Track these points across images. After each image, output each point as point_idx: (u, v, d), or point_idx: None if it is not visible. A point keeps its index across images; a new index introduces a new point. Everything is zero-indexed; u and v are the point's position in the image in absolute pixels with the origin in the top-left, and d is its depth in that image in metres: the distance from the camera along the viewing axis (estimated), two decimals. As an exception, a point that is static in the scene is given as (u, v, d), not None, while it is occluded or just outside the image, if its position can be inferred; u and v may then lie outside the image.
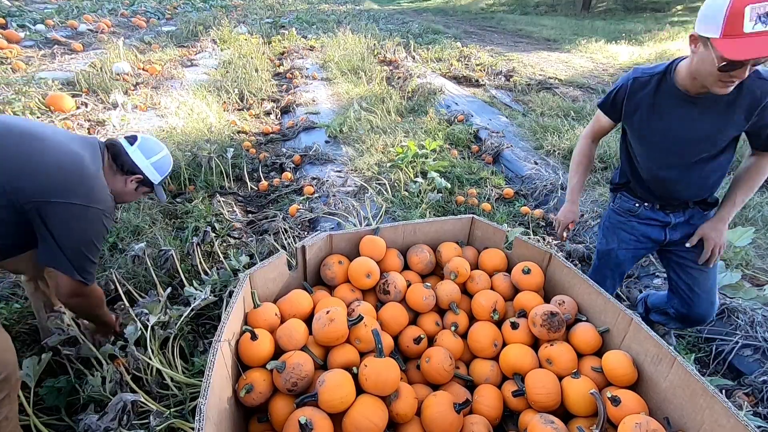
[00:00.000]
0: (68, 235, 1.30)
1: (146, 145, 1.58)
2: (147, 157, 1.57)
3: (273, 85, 6.40)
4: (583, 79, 7.57)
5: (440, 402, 1.21)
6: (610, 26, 13.56)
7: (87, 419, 1.34)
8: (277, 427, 1.21)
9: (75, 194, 1.29)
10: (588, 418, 1.24)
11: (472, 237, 1.86)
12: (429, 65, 7.95)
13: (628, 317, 1.30)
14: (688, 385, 1.10)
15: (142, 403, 1.44)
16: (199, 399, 0.95)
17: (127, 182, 1.56)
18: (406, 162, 3.68)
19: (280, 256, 1.54)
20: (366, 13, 15.09)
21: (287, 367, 1.21)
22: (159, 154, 1.61)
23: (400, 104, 5.49)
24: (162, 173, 1.63)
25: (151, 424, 1.33)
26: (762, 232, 3.09)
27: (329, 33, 9.79)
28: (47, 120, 4.17)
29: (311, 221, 2.99)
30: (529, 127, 4.97)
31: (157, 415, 1.37)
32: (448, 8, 20.16)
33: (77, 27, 8.11)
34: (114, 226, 2.31)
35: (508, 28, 14.25)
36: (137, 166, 1.54)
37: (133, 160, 1.54)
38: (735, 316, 2.16)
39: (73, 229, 1.30)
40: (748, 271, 2.61)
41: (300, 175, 3.76)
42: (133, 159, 1.54)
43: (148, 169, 1.57)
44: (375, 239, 1.66)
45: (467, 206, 3.29)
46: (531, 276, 1.58)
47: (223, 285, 2.11)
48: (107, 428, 1.29)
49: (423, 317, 1.58)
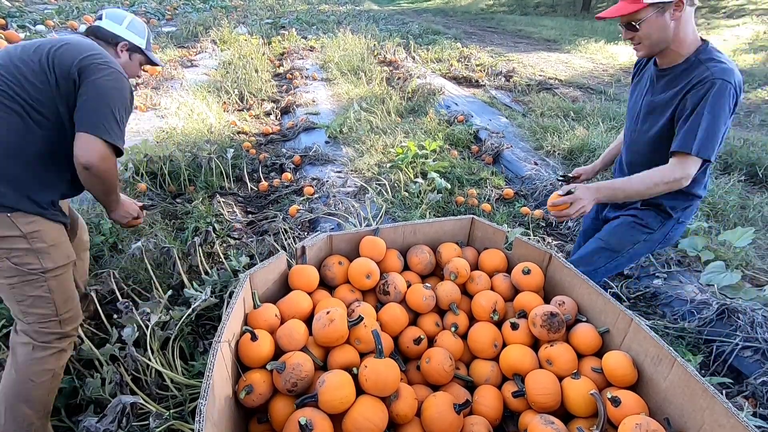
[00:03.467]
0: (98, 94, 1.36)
1: (111, 13, 1.63)
2: (119, 23, 1.61)
3: (273, 85, 6.40)
4: (583, 79, 7.57)
5: (440, 403, 1.21)
6: (610, 26, 13.55)
7: (86, 421, 1.34)
8: (277, 427, 1.21)
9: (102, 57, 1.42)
10: (588, 418, 1.24)
11: (472, 237, 1.86)
12: (429, 66, 7.95)
13: (628, 318, 1.30)
14: (688, 385, 1.10)
15: (141, 405, 1.44)
16: (199, 400, 0.95)
17: (119, 52, 1.62)
18: (406, 162, 3.68)
19: (280, 257, 1.54)
20: (366, 13, 15.10)
21: (287, 367, 1.20)
22: (127, 18, 1.65)
23: (400, 105, 5.49)
24: (142, 35, 1.67)
25: (150, 425, 1.33)
26: (762, 232, 3.10)
27: (329, 33, 9.79)
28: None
29: (311, 222, 2.99)
30: (529, 127, 4.98)
31: (156, 416, 1.36)
32: (448, 9, 20.16)
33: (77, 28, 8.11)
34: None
35: (508, 28, 14.25)
36: (117, 34, 1.60)
37: (110, 30, 1.59)
38: (735, 316, 2.16)
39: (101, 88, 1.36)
40: (748, 271, 2.61)
41: (300, 176, 3.76)
42: (109, 29, 1.59)
43: (127, 33, 1.62)
44: (375, 240, 1.66)
45: (467, 207, 3.29)
46: (531, 276, 1.58)
47: (223, 285, 2.11)
48: (106, 430, 1.29)
49: (423, 318, 1.58)
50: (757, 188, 3.95)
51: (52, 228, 1.41)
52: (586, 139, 4.39)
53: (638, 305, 2.49)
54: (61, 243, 1.45)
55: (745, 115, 5.98)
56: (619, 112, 5.26)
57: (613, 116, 5.14)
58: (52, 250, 1.40)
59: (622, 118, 5.08)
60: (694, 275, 2.61)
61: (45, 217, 1.38)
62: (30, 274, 1.36)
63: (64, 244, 1.46)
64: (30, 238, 1.34)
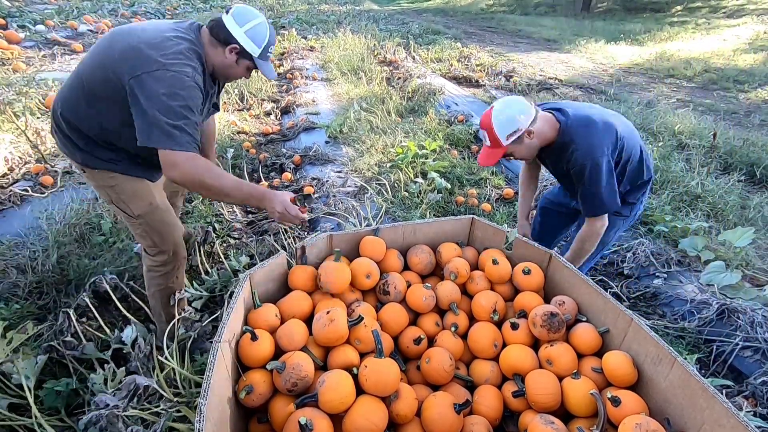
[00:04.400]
0: (151, 103, 1.36)
1: (239, 11, 1.53)
2: (240, 25, 1.52)
3: (273, 85, 6.40)
4: (583, 79, 7.58)
5: (440, 403, 1.21)
6: (610, 27, 13.57)
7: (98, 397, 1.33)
8: (277, 427, 1.21)
9: (155, 62, 1.38)
10: (588, 418, 1.24)
11: (472, 237, 1.86)
12: (429, 66, 7.95)
13: (628, 318, 1.30)
14: (688, 385, 1.10)
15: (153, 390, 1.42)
16: (199, 399, 0.95)
17: (226, 53, 1.55)
18: (406, 162, 3.68)
19: (280, 257, 1.54)
20: (366, 13, 15.10)
21: (287, 367, 1.20)
22: (252, 21, 1.53)
23: (400, 104, 5.49)
24: (258, 44, 1.55)
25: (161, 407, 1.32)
26: (762, 232, 3.10)
27: (329, 33, 9.79)
28: (47, 119, 4.17)
29: (311, 221, 2.99)
30: (529, 127, 4.97)
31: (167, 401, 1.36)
32: (448, 9, 20.17)
33: (77, 27, 8.11)
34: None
35: (508, 28, 14.25)
36: (232, 35, 1.51)
37: (228, 29, 1.51)
38: (735, 316, 2.16)
39: (154, 96, 1.36)
40: (748, 271, 2.61)
41: (300, 176, 3.76)
42: (228, 27, 1.51)
43: (242, 37, 1.52)
44: (375, 240, 1.66)
45: (467, 207, 3.29)
46: (531, 276, 1.58)
47: (223, 285, 2.11)
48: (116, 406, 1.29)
49: (423, 318, 1.58)
50: (757, 188, 3.95)
51: (128, 181, 1.64)
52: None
53: (638, 305, 2.49)
54: (141, 193, 1.67)
55: (745, 115, 5.97)
56: (619, 111, 5.26)
57: (613, 116, 5.13)
58: (132, 199, 1.66)
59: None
60: (694, 275, 2.61)
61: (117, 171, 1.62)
62: (127, 216, 1.70)
63: (144, 194, 1.68)
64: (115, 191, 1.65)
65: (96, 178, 1.64)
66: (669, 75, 8.24)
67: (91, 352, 1.67)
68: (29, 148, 3.61)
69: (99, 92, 1.47)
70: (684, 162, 4.06)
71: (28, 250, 2.51)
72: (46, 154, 3.61)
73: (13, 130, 3.78)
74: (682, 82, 7.85)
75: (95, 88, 1.47)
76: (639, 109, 5.49)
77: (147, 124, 1.37)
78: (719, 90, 7.32)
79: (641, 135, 4.61)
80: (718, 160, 4.20)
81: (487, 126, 1.70)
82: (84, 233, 2.68)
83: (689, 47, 10.05)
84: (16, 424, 1.46)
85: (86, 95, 1.49)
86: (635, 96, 6.51)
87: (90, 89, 1.48)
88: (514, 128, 1.66)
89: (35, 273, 2.35)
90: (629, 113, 5.20)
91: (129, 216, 1.70)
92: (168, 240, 1.80)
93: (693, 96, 6.90)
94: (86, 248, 2.59)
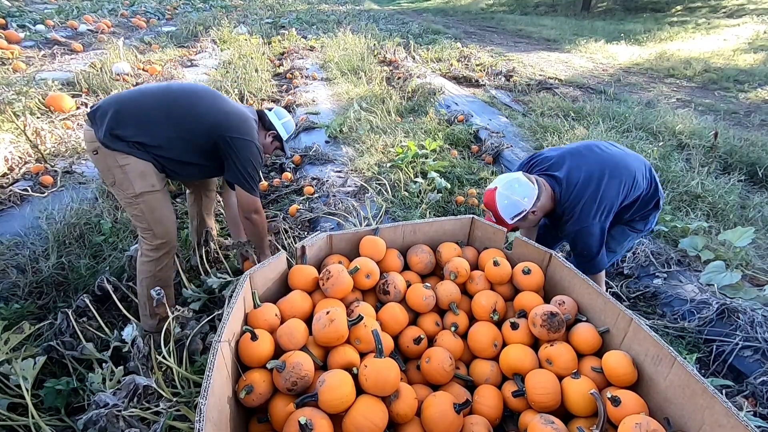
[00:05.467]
0: (243, 160, 1.92)
1: (278, 111, 2.22)
2: (279, 119, 2.19)
3: (273, 85, 6.40)
4: (583, 79, 7.57)
5: (440, 402, 1.21)
6: (610, 26, 13.57)
7: (97, 396, 1.34)
8: (277, 427, 1.21)
9: (247, 133, 1.93)
10: (588, 418, 1.24)
11: (472, 237, 1.86)
12: (429, 65, 7.95)
13: (628, 317, 1.30)
14: (688, 385, 1.10)
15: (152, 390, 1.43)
16: (199, 399, 0.95)
17: (267, 136, 2.16)
18: (406, 162, 3.68)
19: (280, 256, 1.54)
20: (366, 13, 15.10)
21: (287, 366, 1.20)
22: (286, 118, 2.22)
23: (400, 104, 5.49)
24: (287, 132, 2.22)
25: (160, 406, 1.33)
26: (762, 232, 3.10)
27: (329, 33, 9.79)
28: (47, 119, 4.17)
29: (311, 221, 2.99)
30: (529, 127, 4.97)
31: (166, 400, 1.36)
32: (448, 8, 20.17)
33: (77, 27, 8.11)
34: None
35: (508, 28, 14.26)
36: (273, 124, 2.16)
37: (270, 120, 2.15)
38: (735, 316, 2.16)
39: (245, 157, 1.92)
40: (748, 271, 2.61)
41: (300, 176, 3.75)
42: (270, 119, 2.16)
43: (280, 127, 2.18)
44: (375, 239, 1.66)
45: (467, 206, 3.29)
46: (531, 276, 1.58)
47: (223, 285, 2.11)
48: (115, 405, 1.29)
49: (423, 317, 1.58)
50: (757, 188, 3.95)
51: (139, 162, 1.82)
52: (586, 139, 4.39)
53: (638, 305, 2.49)
54: (147, 174, 1.84)
55: (745, 115, 5.97)
56: (619, 111, 5.26)
57: (613, 116, 5.13)
58: (138, 178, 1.81)
59: (622, 117, 5.08)
60: (694, 275, 2.60)
61: (134, 156, 1.81)
62: (128, 196, 1.84)
63: (150, 175, 1.85)
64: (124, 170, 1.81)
65: (108, 159, 1.78)
66: (669, 75, 8.24)
67: (91, 352, 1.67)
68: (29, 148, 3.61)
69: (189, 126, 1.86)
70: (684, 162, 4.06)
71: (28, 250, 2.51)
72: (45, 154, 3.61)
73: (13, 130, 3.78)
74: (682, 81, 7.85)
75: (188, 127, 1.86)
76: (639, 109, 5.49)
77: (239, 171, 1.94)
78: (719, 90, 7.32)
79: (641, 135, 4.62)
80: (718, 160, 4.20)
81: (492, 208, 1.76)
82: (84, 233, 2.68)
83: (689, 47, 10.05)
84: (16, 424, 1.46)
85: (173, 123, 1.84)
86: (635, 96, 6.51)
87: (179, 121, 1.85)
88: (519, 211, 1.72)
89: (35, 273, 2.35)
90: (629, 113, 5.20)
91: (130, 195, 1.83)
92: (162, 223, 1.95)
93: (693, 96, 6.90)
94: (86, 248, 2.59)
